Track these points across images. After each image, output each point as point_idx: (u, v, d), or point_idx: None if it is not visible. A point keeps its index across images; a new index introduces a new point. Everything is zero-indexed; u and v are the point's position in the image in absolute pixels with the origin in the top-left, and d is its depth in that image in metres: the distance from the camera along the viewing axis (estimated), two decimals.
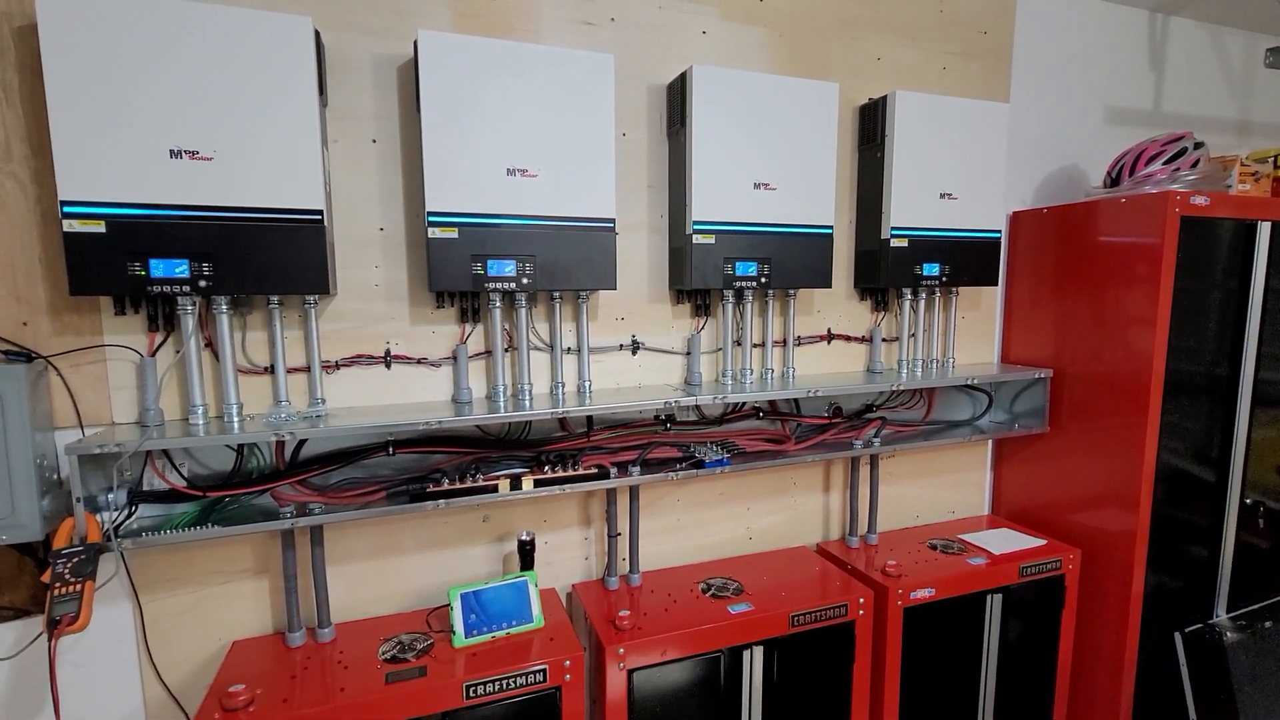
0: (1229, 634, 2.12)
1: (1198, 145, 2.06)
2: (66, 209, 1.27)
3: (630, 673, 1.61)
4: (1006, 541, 2.21)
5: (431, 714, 1.42)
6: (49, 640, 1.21)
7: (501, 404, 1.70)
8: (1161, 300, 1.97)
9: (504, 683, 1.47)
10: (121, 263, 1.31)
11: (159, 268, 1.33)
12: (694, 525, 2.09)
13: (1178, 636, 2.16)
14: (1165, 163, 2.04)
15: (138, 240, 1.31)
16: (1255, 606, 2.30)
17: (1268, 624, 2.19)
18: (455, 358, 1.72)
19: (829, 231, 1.91)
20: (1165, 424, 2.05)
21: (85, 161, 1.27)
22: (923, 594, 1.93)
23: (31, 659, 1.47)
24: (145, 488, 1.51)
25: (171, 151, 1.32)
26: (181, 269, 1.35)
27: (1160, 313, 1.97)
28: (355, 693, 1.39)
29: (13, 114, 1.36)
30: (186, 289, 1.36)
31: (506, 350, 1.76)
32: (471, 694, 1.45)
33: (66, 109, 1.25)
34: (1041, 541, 2.21)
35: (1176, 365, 2.03)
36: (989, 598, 2.03)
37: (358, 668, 1.48)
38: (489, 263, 1.57)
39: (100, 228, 1.29)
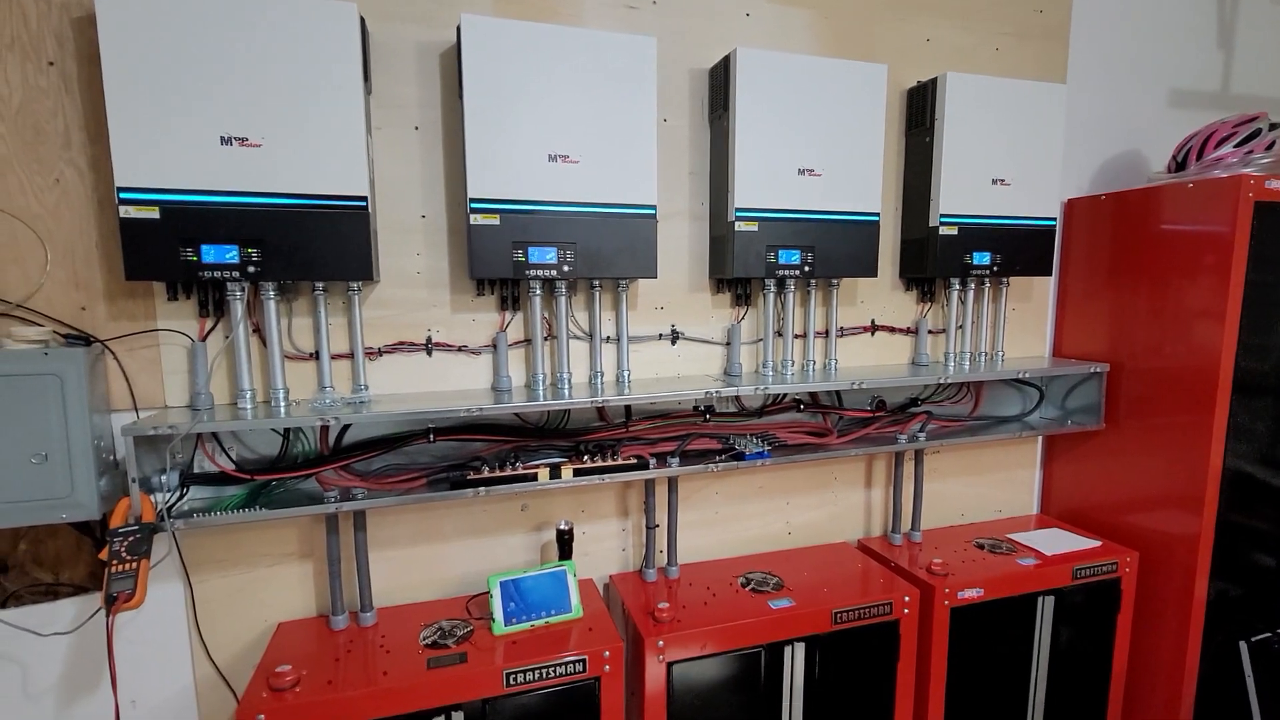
0: None
1: (1273, 126, 1.94)
2: (123, 195, 1.30)
3: (670, 665, 1.59)
4: (1058, 542, 2.12)
5: (472, 700, 1.43)
6: (107, 616, 1.25)
7: (540, 392, 1.69)
8: (1232, 293, 1.86)
9: (543, 671, 1.47)
10: (174, 248, 1.33)
11: (210, 253, 1.35)
12: (732, 519, 2.06)
13: (1243, 645, 2.05)
14: (1237, 145, 1.93)
15: (190, 226, 1.33)
16: None
17: None
18: (495, 346, 1.72)
19: (875, 219, 1.86)
20: (1233, 423, 1.94)
21: (141, 149, 1.30)
22: (970, 594, 1.86)
23: (89, 635, 1.52)
24: (196, 470, 1.54)
25: (222, 138, 1.33)
26: (231, 255, 1.37)
27: (1230, 306, 1.87)
28: (397, 677, 1.40)
29: (71, 103, 1.40)
30: (236, 274, 1.38)
31: (546, 339, 1.75)
32: (511, 682, 1.45)
33: (123, 97, 1.28)
34: (1096, 543, 2.11)
35: (1246, 362, 1.92)
36: (1040, 600, 1.95)
37: (399, 652, 1.49)
38: (530, 250, 1.56)
39: (155, 214, 1.31)
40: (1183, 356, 1.99)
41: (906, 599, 1.79)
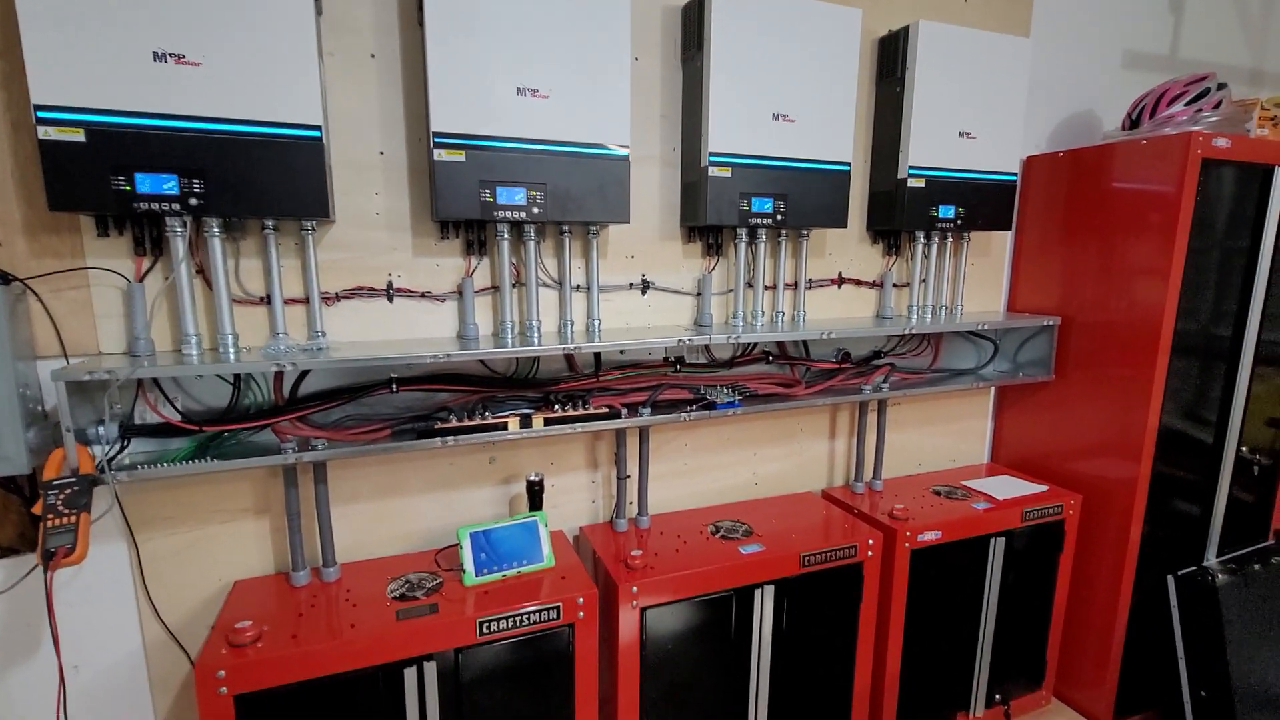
0: (1220, 576, 2.17)
1: (1220, 86, 2.01)
2: (40, 114, 1.16)
3: (643, 611, 1.60)
4: (1009, 487, 2.22)
5: (444, 650, 1.40)
6: (45, 572, 1.16)
7: (509, 340, 1.63)
8: (1176, 251, 1.94)
9: (517, 619, 1.45)
10: (104, 176, 1.21)
11: (145, 183, 1.24)
12: (700, 470, 2.07)
13: (1170, 579, 2.21)
14: (1188, 104, 1.99)
15: (121, 151, 1.21)
16: (1244, 551, 2.36)
17: (1256, 567, 2.25)
18: (461, 292, 1.65)
19: (847, 169, 1.85)
20: (1171, 376, 2.04)
21: (60, 62, 1.16)
22: (929, 537, 1.94)
23: (23, 598, 1.42)
24: (137, 422, 1.43)
25: (155, 54, 1.21)
26: (170, 185, 1.25)
27: (1174, 264, 1.95)
28: (366, 629, 1.36)
29: None
30: (176, 207, 1.26)
31: (514, 286, 1.69)
32: (484, 631, 1.42)
33: (36, 2, 1.13)
34: (1044, 487, 2.22)
35: (1184, 319, 2.02)
36: (992, 541, 2.05)
37: (366, 606, 1.45)
38: (498, 190, 1.49)
39: (79, 136, 1.18)
40: (1128, 311, 2.08)
41: (870, 542, 1.84)
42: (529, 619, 1.46)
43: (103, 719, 1.51)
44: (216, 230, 1.37)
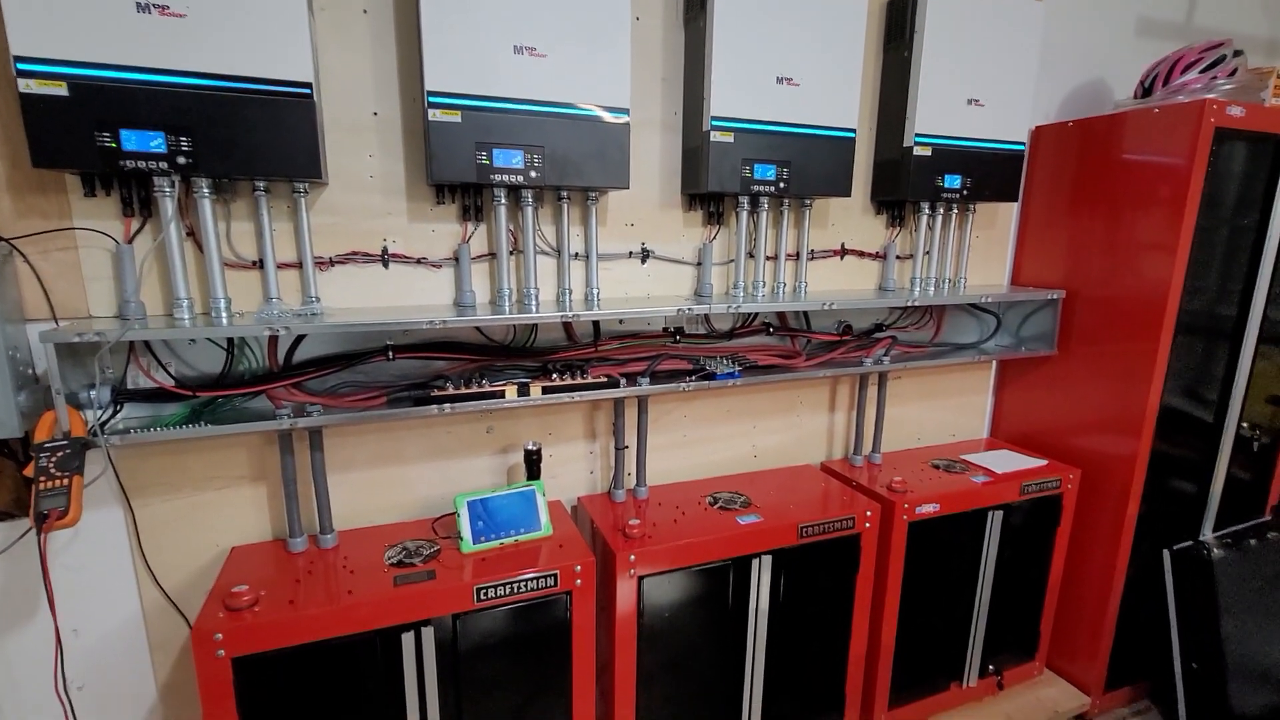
0: (1215, 550, 2.18)
1: (1237, 53, 1.96)
2: (21, 66, 1.12)
3: (641, 580, 1.60)
4: (1008, 462, 2.22)
5: (442, 616, 1.40)
6: (38, 535, 1.15)
7: (506, 308, 1.61)
8: (1185, 226, 1.91)
9: (515, 586, 1.45)
10: (89, 132, 1.18)
11: (131, 140, 1.20)
12: (699, 442, 2.06)
13: (1166, 553, 2.21)
14: (1202, 71, 1.94)
15: (106, 106, 1.17)
16: (1240, 526, 2.36)
17: (1252, 542, 2.26)
18: (457, 259, 1.62)
19: (851, 135, 1.81)
20: (1174, 353, 2.02)
21: (40, 12, 1.12)
22: (927, 509, 1.93)
23: (17, 562, 1.41)
24: (129, 387, 1.42)
25: (138, 4, 1.16)
26: (157, 143, 1.22)
27: (1182, 239, 1.91)
28: (363, 595, 1.36)
29: None
30: (164, 165, 1.23)
31: (511, 253, 1.66)
32: (482, 597, 1.43)
33: None
34: (1043, 462, 2.22)
35: (1190, 296, 1.99)
36: (990, 514, 2.05)
37: (364, 572, 1.45)
38: (495, 152, 1.45)
39: (62, 89, 1.15)
40: (1132, 287, 2.05)
41: (868, 514, 1.84)
42: (526, 586, 1.46)
43: (104, 681, 1.52)
44: (206, 191, 1.33)
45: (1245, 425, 2.26)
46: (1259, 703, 2.12)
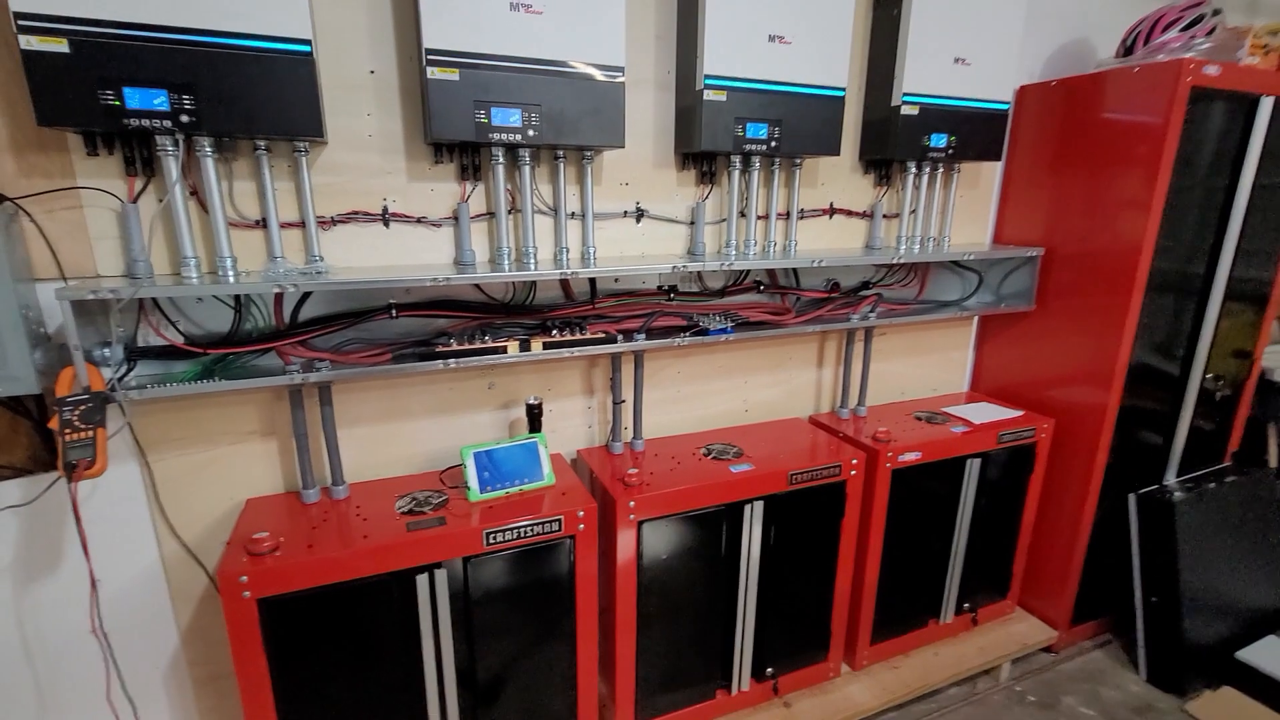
0: (1177, 494, 2.31)
1: (1215, 12, 2.00)
2: (21, 23, 1.13)
3: (640, 524, 1.69)
4: (986, 413, 2.32)
5: (453, 559, 1.48)
6: (69, 483, 1.20)
7: (506, 266, 1.65)
8: (1159, 185, 1.98)
9: (521, 531, 1.53)
10: (92, 90, 1.18)
11: (134, 98, 1.21)
12: (693, 397, 2.14)
13: (1132, 497, 2.35)
14: (1182, 29, 1.99)
15: (108, 64, 1.18)
16: (1201, 472, 2.51)
17: (1211, 485, 2.40)
18: (456, 218, 1.65)
19: (841, 94, 1.84)
20: (1145, 309, 2.12)
21: None
22: (909, 457, 2.04)
23: (44, 516, 1.46)
24: (140, 345, 1.45)
25: None
26: (160, 101, 1.23)
27: (1156, 198, 1.99)
28: (379, 539, 1.43)
29: None
30: (167, 124, 1.24)
31: (509, 212, 1.70)
32: (491, 541, 1.50)
33: None
34: (1019, 413, 2.33)
35: (1162, 255, 2.08)
36: (968, 462, 2.16)
37: (377, 520, 1.52)
38: (493, 110, 1.47)
39: (63, 46, 1.15)
40: (1108, 245, 2.13)
41: (854, 461, 1.94)
42: (533, 530, 1.54)
43: (128, 628, 1.59)
44: (209, 150, 1.35)
45: (1209, 376, 2.38)
46: (1211, 633, 2.29)
